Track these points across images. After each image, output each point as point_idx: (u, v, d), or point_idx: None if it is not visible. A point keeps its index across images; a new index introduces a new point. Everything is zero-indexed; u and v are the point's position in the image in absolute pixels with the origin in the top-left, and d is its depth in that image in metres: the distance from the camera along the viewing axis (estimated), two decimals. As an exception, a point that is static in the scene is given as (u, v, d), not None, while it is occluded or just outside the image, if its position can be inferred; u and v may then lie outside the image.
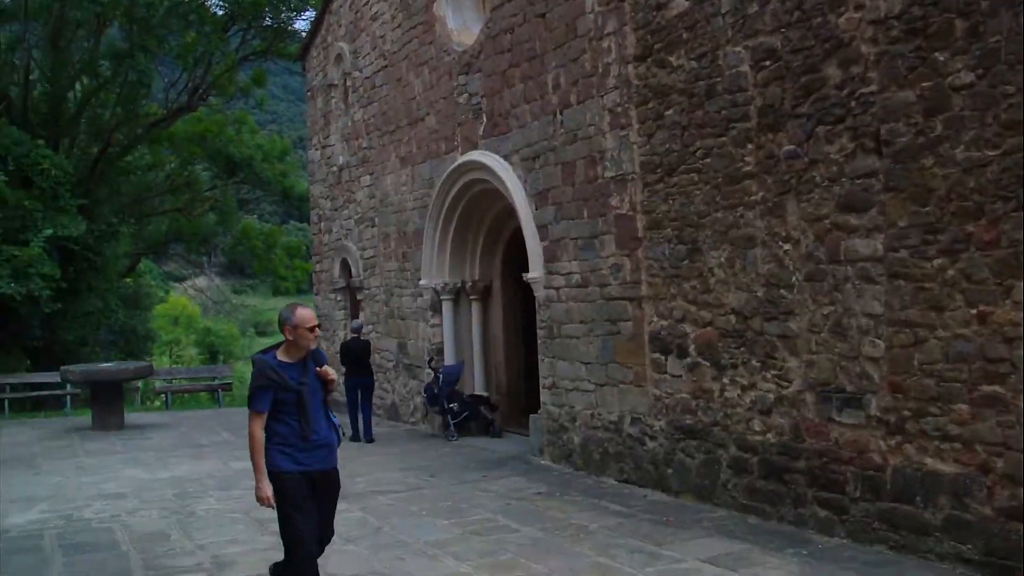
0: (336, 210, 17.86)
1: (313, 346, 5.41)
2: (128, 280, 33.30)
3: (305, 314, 5.34)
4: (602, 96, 9.82)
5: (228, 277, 63.93)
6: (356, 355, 13.83)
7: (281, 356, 5.39)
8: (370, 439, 13.41)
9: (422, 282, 14.08)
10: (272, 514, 8.74)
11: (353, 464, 11.50)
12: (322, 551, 5.70)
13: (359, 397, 13.67)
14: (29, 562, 7.41)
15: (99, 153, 25.08)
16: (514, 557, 6.89)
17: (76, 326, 22.96)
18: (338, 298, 18.12)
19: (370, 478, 10.58)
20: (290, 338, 5.33)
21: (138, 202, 29.08)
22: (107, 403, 15.73)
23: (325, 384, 5.50)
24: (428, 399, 13.51)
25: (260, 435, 5.30)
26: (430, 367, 13.63)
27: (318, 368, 5.44)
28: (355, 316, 17.26)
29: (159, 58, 25.55)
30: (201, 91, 27.44)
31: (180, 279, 54.04)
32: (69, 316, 22.37)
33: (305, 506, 5.41)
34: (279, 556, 7.27)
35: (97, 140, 25.70)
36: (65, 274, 21.00)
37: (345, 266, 17.63)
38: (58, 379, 17.60)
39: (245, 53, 28.04)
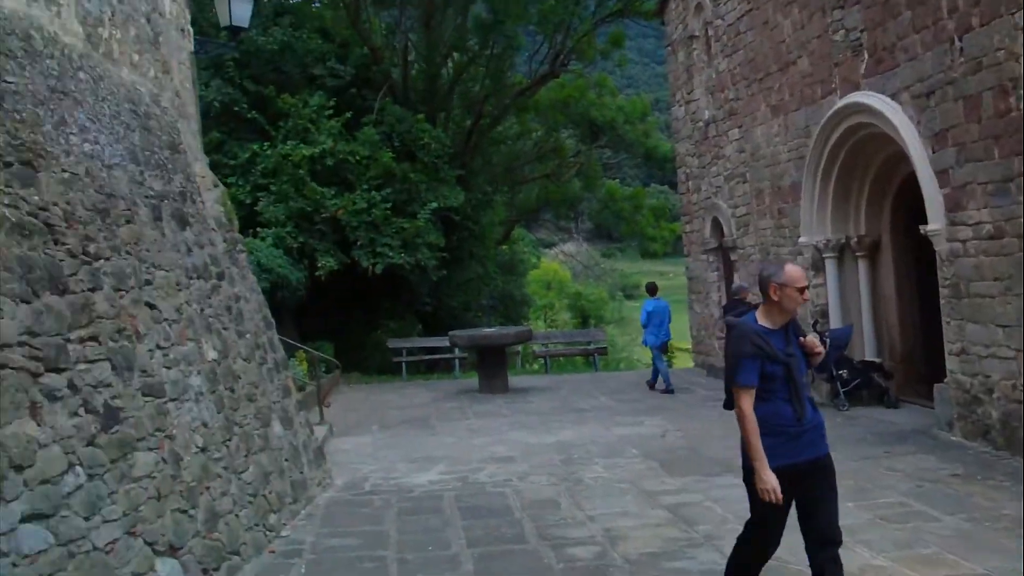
0: (704, 167, 17.32)
1: (799, 311, 4.75)
2: (504, 247, 34.92)
3: (795, 272, 4.59)
4: (1013, 13, 8.48)
5: (595, 242, 65.62)
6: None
7: (762, 320, 4.65)
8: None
9: (801, 239, 13.21)
10: (662, 487, 8.66)
11: (738, 436, 11.01)
12: (832, 555, 4.73)
13: None
14: (433, 524, 7.69)
15: (472, 125, 26.28)
16: (938, 551, 6.08)
17: (460, 292, 24.35)
18: (710, 259, 17.61)
19: (757, 449, 10.03)
20: (775, 299, 4.57)
21: (509, 171, 30.28)
22: (492, 367, 16.41)
23: (809, 358, 4.75)
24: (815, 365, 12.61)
25: (753, 414, 4.55)
26: (815, 331, 12.73)
27: (800, 338, 4.70)
28: (728, 278, 16.71)
29: (521, 28, 26.26)
30: (562, 57, 27.87)
31: (550, 245, 56.21)
32: (453, 283, 23.72)
33: (784, 510, 4.69)
34: (672, 532, 7.06)
35: (469, 113, 26.96)
36: (448, 243, 22.21)
37: (716, 225, 17.07)
38: (447, 343, 18.68)
39: (602, 15, 28.07)
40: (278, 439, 8.30)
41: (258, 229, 17.95)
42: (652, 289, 16.32)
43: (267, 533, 7.24)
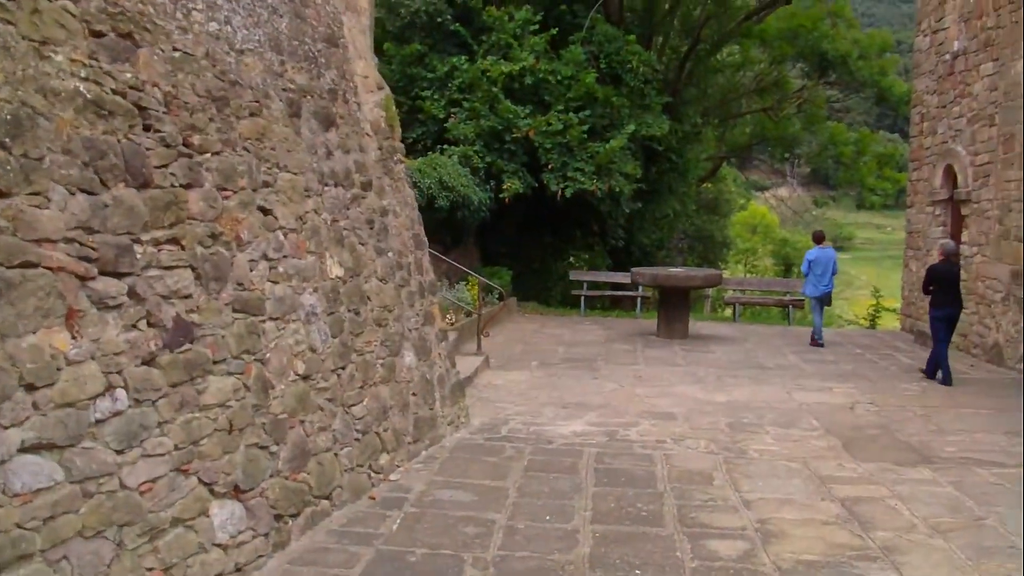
0: (944, 107, 15.24)
1: None
2: (708, 185, 33.14)
3: None
4: None
5: (810, 188, 62.00)
6: (951, 282, 11.63)
7: None
8: (947, 381, 11.44)
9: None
10: (840, 472, 7.39)
11: (941, 416, 9.54)
12: None
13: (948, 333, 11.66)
14: (562, 486, 6.78)
15: (688, 51, 24.59)
16: None
17: (654, 228, 23.03)
18: (936, 212, 15.61)
19: (965, 440, 8.56)
20: None
21: (723, 103, 28.37)
22: (673, 310, 15.22)
23: None
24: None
25: None
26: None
27: None
28: (955, 235, 14.79)
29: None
30: (797, -19, 25.68)
31: (763, 188, 53.32)
32: (648, 218, 22.46)
33: None
34: (841, 535, 5.85)
35: (687, 38, 25.26)
36: (647, 174, 20.95)
37: (949, 174, 15.04)
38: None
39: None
40: (407, 371, 7.58)
41: (445, 146, 17.31)
42: (818, 237, 15.47)
43: (373, 475, 6.55)
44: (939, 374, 11.52)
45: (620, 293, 19.61)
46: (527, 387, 10.74)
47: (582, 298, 19.10)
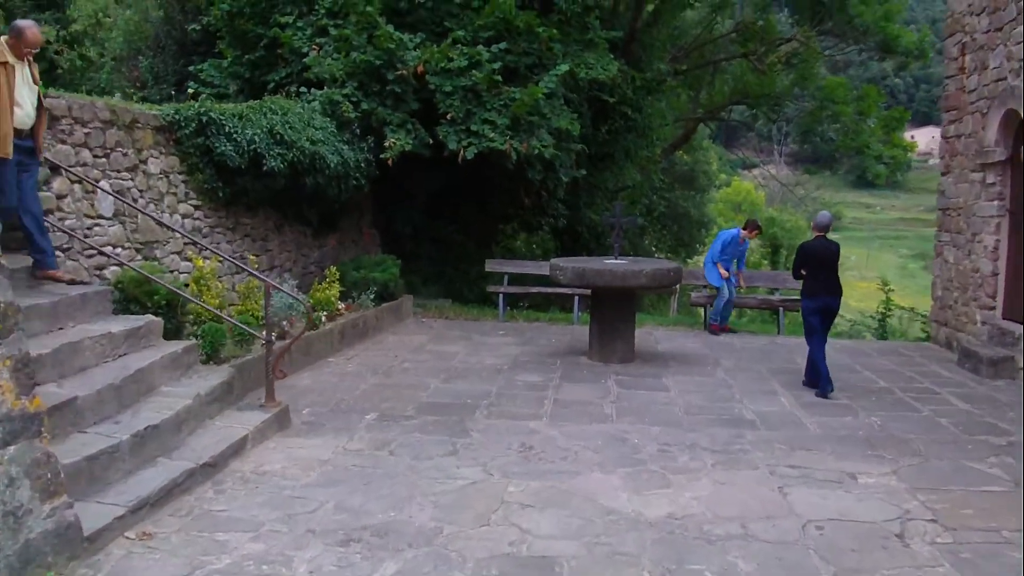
0: (1000, 30, 10.56)
1: None
2: (684, 155, 28.42)
3: None
4: None
5: (799, 163, 57.28)
6: (827, 264, 9.03)
7: None
8: (825, 391, 8.80)
9: None
10: None
11: None
12: None
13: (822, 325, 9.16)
14: None
15: (652, -24, 19.70)
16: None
17: (606, 203, 18.22)
18: (988, 180, 10.93)
19: None
20: None
21: (695, 48, 23.45)
22: (610, 320, 10.49)
23: None
24: None
25: None
26: None
27: None
28: (1015, 211, 10.24)
29: None
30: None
31: (751, 166, 48.25)
32: (599, 189, 17.72)
33: None
34: None
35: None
36: (596, 135, 16.28)
37: (1009, 125, 10.37)
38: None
39: None
40: None
41: (302, 88, 12.49)
42: (752, 225, 13.70)
43: None
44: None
45: (551, 290, 14.77)
46: (316, 481, 5.95)
47: (500, 296, 14.35)
